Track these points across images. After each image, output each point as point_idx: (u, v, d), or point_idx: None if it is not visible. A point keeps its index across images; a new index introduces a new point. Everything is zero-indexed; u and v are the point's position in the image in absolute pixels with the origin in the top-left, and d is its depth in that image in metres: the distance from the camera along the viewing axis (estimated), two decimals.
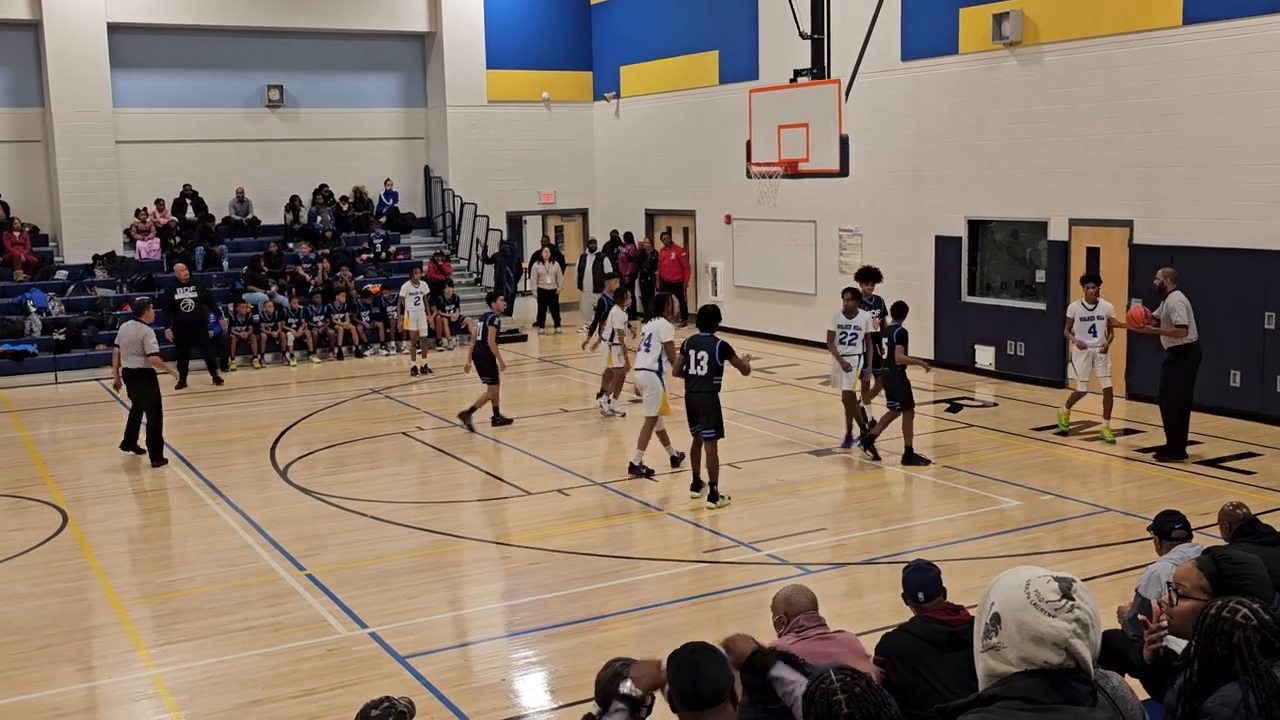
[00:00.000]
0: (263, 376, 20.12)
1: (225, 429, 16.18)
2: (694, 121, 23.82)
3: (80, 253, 22.57)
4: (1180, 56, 14.95)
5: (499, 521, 11.46)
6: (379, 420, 16.16)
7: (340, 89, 25.62)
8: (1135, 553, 9.47)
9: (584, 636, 8.35)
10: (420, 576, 9.77)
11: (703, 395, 11.27)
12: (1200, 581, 3.91)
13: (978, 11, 17.46)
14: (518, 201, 26.54)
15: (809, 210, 20.67)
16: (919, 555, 8.15)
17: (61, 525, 11.43)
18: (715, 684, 3.49)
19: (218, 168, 24.37)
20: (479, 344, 15.35)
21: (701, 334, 11.43)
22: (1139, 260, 15.54)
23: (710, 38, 23.18)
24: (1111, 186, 15.93)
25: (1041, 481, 12.12)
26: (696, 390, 11.29)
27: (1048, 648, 2.36)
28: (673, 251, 24.04)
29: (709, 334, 11.41)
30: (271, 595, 9.34)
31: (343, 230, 24.91)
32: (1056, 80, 16.51)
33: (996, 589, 2.48)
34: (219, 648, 8.29)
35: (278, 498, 12.34)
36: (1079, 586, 2.43)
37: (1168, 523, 6.70)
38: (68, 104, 22.43)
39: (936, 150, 18.48)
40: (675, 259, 23.93)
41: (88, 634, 8.77)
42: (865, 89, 17.01)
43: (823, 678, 3.01)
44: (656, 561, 9.98)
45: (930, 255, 18.69)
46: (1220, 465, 12.53)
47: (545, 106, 26.66)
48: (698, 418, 11.36)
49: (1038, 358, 17.20)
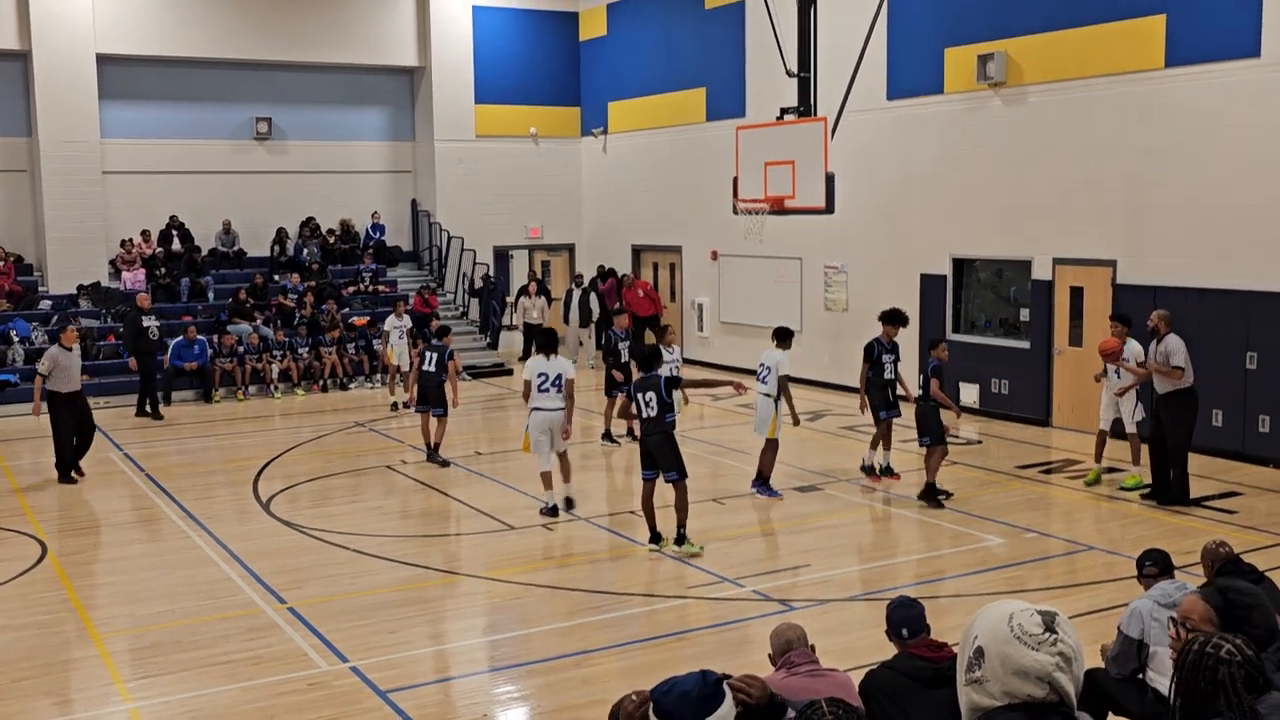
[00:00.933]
0: (246, 408, 20.05)
1: (208, 461, 16.11)
2: (681, 158, 23.95)
3: (65, 283, 22.51)
4: (1162, 99, 15.12)
5: (482, 556, 11.40)
6: (363, 453, 16.11)
7: (328, 122, 25.70)
8: (1118, 591, 9.47)
9: (567, 672, 8.30)
10: (402, 610, 9.70)
11: (657, 438, 10.85)
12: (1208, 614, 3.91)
13: (963, 52, 17.64)
14: (505, 236, 26.59)
15: (795, 247, 20.76)
16: (903, 592, 8.13)
17: (40, 557, 11.33)
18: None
19: (205, 199, 24.38)
20: (427, 374, 15.00)
21: (646, 375, 11.04)
22: (1122, 300, 15.63)
23: (698, 75, 23.35)
24: (1094, 226, 16.06)
25: (1025, 519, 12.13)
26: (650, 433, 10.88)
27: (1031, 681, 2.36)
28: (639, 288, 24.02)
29: (653, 373, 11.05)
30: (252, 628, 9.26)
31: (329, 263, 24.90)
32: (1040, 121, 16.67)
33: (980, 622, 2.48)
34: (198, 681, 8.20)
35: (260, 530, 12.27)
36: (1062, 620, 2.43)
37: (1142, 559, 6.74)
38: (55, 134, 22.44)
39: (922, 188, 18.61)
40: (644, 295, 23.92)
41: (65, 666, 8.68)
42: (851, 127, 17.14)
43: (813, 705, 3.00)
44: (640, 597, 9.94)
45: (915, 293, 18.77)
46: (1203, 505, 12.56)
47: (533, 141, 26.78)
48: (655, 462, 10.95)
49: (1022, 396, 17.26)
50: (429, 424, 15.24)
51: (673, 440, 10.96)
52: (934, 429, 12.67)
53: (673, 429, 10.98)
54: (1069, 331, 16.63)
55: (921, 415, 12.78)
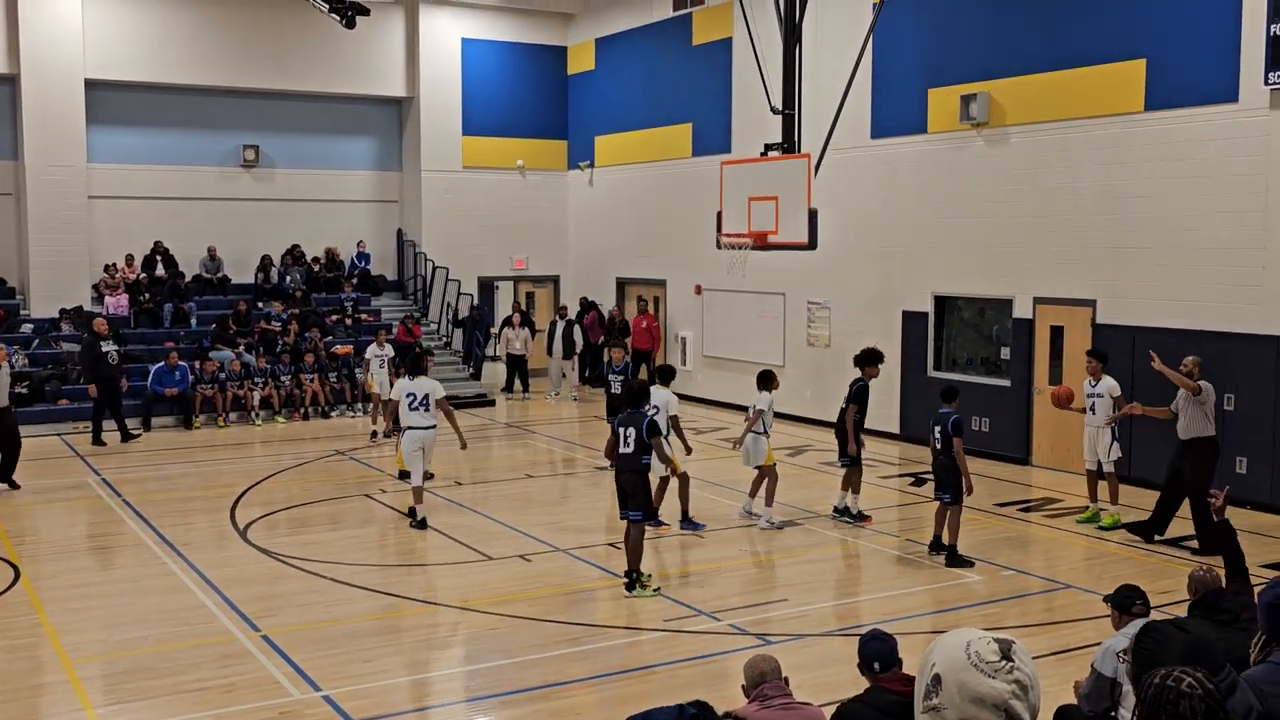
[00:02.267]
0: (227, 435, 19.97)
1: (186, 487, 16.02)
2: (667, 192, 24.07)
3: (47, 306, 22.45)
4: (1142, 141, 15.28)
5: (459, 586, 11.34)
6: (343, 482, 16.05)
7: (316, 151, 25.77)
8: (1093, 629, 9.48)
9: (541, 704, 8.26)
10: (377, 640, 9.66)
11: (629, 475, 10.79)
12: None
13: (946, 92, 17.81)
14: (490, 267, 26.64)
15: (778, 282, 20.85)
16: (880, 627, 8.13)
17: (13, 580, 11.24)
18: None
19: (190, 225, 24.37)
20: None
21: (633, 411, 11.00)
22: (1101, 339, 15.72)
23: (684, 111, 23.50)
24: (1075, 266, 16.18)
25: (1004, 557, 12.15)
26: (624, 470, 10.83)
27: (987, 709, 2.37)
28: (644, 320, 24.12)
29: (639, 410, 11.06)
30: (225, 655, 9.20)
31: (313, 290, 24.90)
32: (1022, 161, 16.82)
33: (937, 650, 2.49)
34: (169, 708, 8.14)
35: (236, 557, 12.20)
36: (1019, 648, 2.45)
37: (1129, 598, 6.73)
38: (42, 158, 22.44)
39: (904, 226, 18.73)
40: (646, 328, 24.01)
41: (35, 691, 8.60)
42: (835, 164, 17.26)
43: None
44: (617, 629, 9.91)
45: (897, 330, 18.86)
46: (1180, 545, 12.60)
47: (520, 174, 26.88)
48: (626, 499, 10.87)
49: (1002, 434, 17.32)
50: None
51: (646, 480, 10.93)
52: (955, 486, 11.82)
53: (647, 470, 10.95)
54: (1049, 370, 16.71)
55: (944, 470, 11.87)
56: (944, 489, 11.89)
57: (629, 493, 10.84)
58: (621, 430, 10.87)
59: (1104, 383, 13.34)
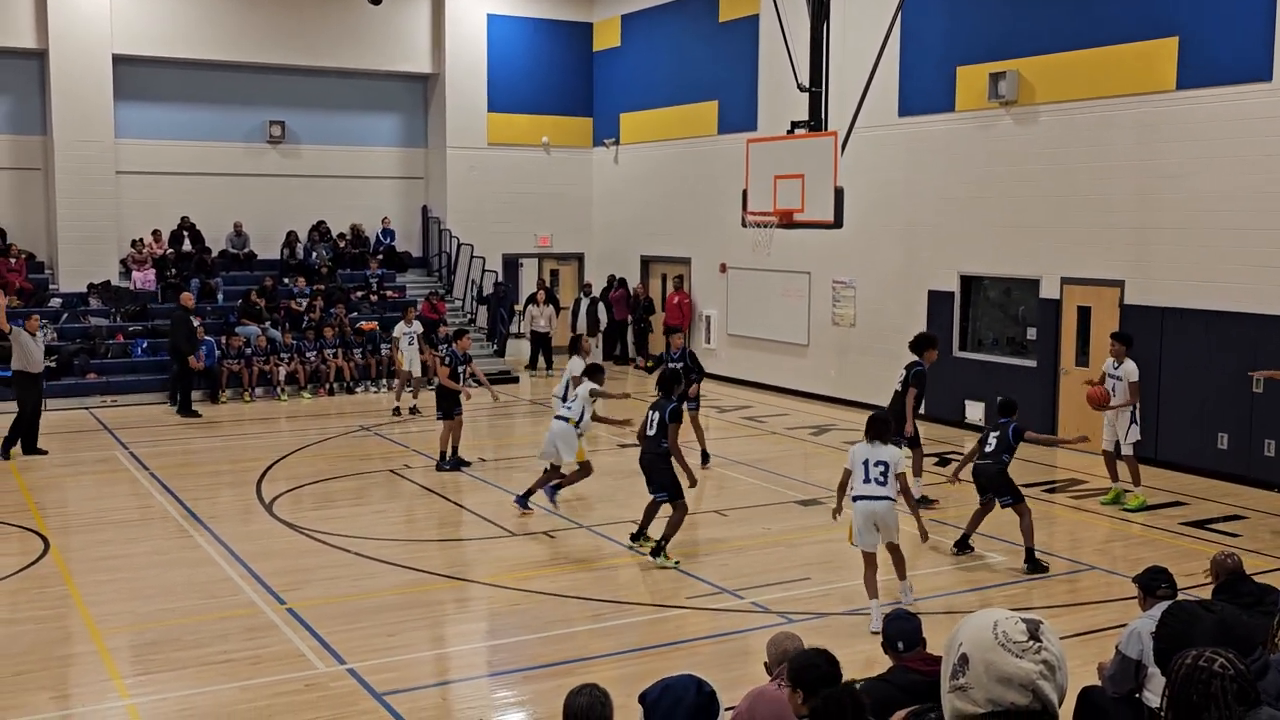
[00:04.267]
0: (253, 410, 20.10)
1: (212, 461, 16.15)
2: (692, 170, 23.99)
3: (76, 281, 22.61)
4: (1173, 120, 15.13)
5: (483, 561, 11.40)
6: (367, 457, 16.13)
7: (342, 127, 25.80)
8: (1118, 611, 9.46)
9: (564, 679, 8.28)
10: (402, 614, 9.72)
11: (650, 457, 11.16)
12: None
13: (974, 70, 17.66)
14: (514, 244, 26.65)
15: (803, 261, 20.78)
16: (900, 607, 8.13)
17: (43, 552, 11.37)
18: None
19: (216, 201, 24.47)
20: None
21: (660, 397, 11.39)
22: (1129, 320, 15.62)
23: (710, 88, 23.40)
24: (1103, 247, 16.05)
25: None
26: (646, 452, 11.21)
27: (1014, 689, 2.36)
28: (676, 297, 24.08)
29: (668, 397, 11.34)
30: (251, 628, 9.28)
31: (339, 267, 24.98)
32: (1051, 140, 16.68)
33: (964, 629, 2.48)
34: (196, 679, 8.22)
35: (262, 531, 12.29)
36: (1046, 628, 2.44)
37: (1154, 580, 6.70)
38: (70, 133, 22.56)
39: (931, 205, 18.62)
40: (678, 304, 23.97)
41: (64, 662, 8.71)
42: (861, 143, 17.17)
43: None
44: (639, 606, 9.94)
45: (923, 309, 18.77)
46: (1206, 527, 12.54)
47: (545, 151, 26.84)
48: (649, 480, 11.28)
49: (1028, 414, 17.16)
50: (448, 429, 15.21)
51: (666, 461, 11.16)
52: (1014, 487, 11.40)
53: (668, 454, 11.15)
54: (1075, 351, 16.61)
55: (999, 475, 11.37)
56: (1003, 493, 11.32)
57: (648, 474, 11.23)
58: (650, 414, 11.25)
59: (1125, 366, 13.25)
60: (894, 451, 9.78)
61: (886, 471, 9.58)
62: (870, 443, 9.72)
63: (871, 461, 9.62)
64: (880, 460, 9.61)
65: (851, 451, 9.86)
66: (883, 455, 9.64)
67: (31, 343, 15.92)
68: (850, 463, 9.74)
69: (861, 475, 9.62)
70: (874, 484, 9.57)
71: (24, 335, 15.84)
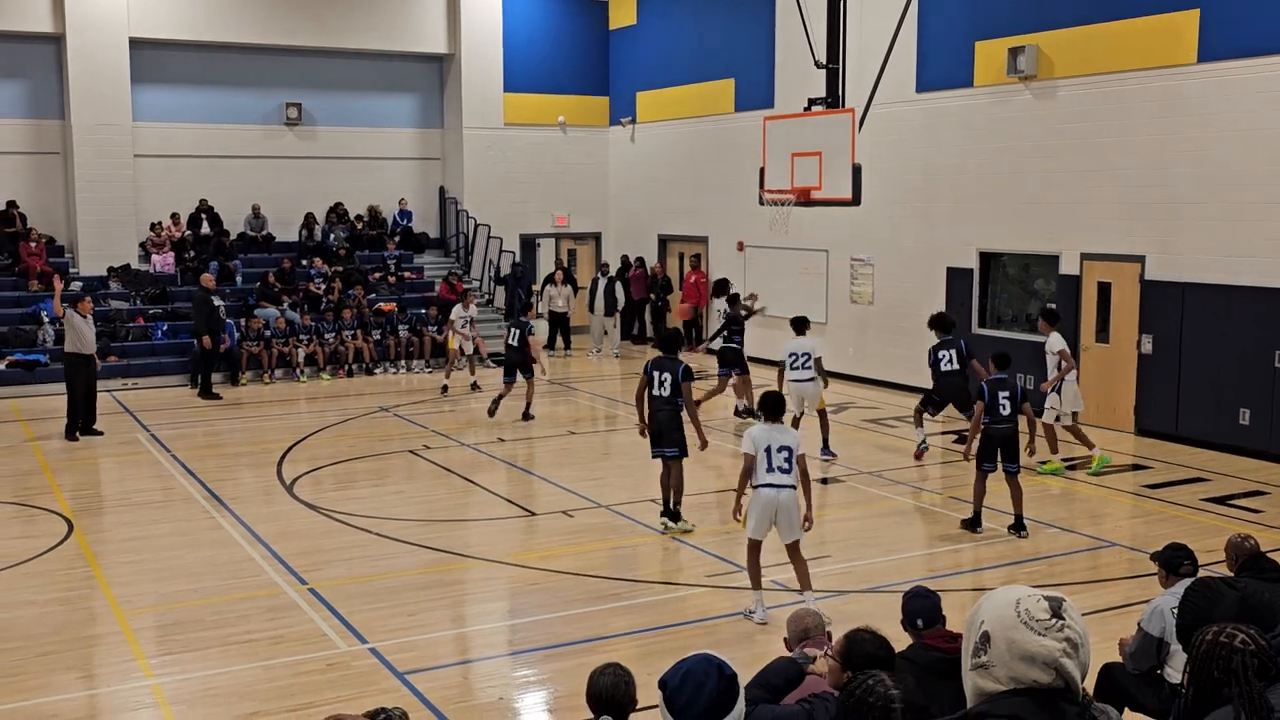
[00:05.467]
0: (272, 392, 20.18)
1: (233, 442, 16.23)
2: (709, 148, 23.91)
3: (95, 265, 22.71)
4: (1194, 94, 14.99)
5: (503, 541, 11.44)
6: (387, 438, 16.19)
7: (358, 108, 25.79)
8: (1139, 588, 9.43)
9: (584, 657, 8.31)
10: (422, 594, 9.76)
11: (666, 413, 11.37)
12: None
13: (993, 45, 17.53)
14: (532, 224, 26.64)
15: (821, 239, 20.71)
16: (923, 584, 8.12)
17: (67, 534, 11.46)
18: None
19: (234, 183, 24.52)
20: (512, 349, 16.96)
21: (664, 357, 11.58)
22: (1150, 296, 15.53)
23: (727, 66, 23.29)
24: (1124, 222, 15.94)
25: (1048, 514, 12.08)
26: (660, 409, 11.38)
27: (1038, 667, 2.35)
28: (694, 275, 24.07)
29: (674, 356, 11.61)
30: (273, 608, 9.34)
31: (356, 248, 25.02)
32: (1070, 114, 16.55)
33: (986, 607, 2.48)
34: (219, 659, 8.29)
35: (283, 512, 12.36)
36: (1069, 605, 2.43)
37: (1176, 557, 6.66)
38: (88, 117, 22.62)
39: (949, 181, 18.51)
40: (695, 283, 23.95)
41: (89, 642, 8.78)
42: (879, 119, 17.07)
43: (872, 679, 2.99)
44: (659, 585, 9.96)
45: (941, 286, 18.69)
46: (1227, 503, 12.48)
47: (561, 130, 26.79)
48: (661, 438, 11.42)
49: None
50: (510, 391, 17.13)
51: (679, 419, 11.41)
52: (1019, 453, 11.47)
53: (680, 410, 11.44)
54: (1096, 328, 16.52)
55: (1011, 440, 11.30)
56: (1015, 459, 11.24)
57: (664, 431, 11.37)
58: (655, 374, 11.44)
59: (1049, 340, 14.00)
60: (796, 435, 9.07)
61: (790, 457, 8.78)
62: (771, 425, 8.92)
63: (774, 447, 8.76)
64: (784, 445, 8.78)
65: (751, 437, 8.89)
66: (786, 439, 8.83)
67: (84, 324, 16.18)
68: (752, 448, 8.83)
69: (764, 463, 8.77)
70: (777, 472, 8.76)
71: (76, 318, 16.11)
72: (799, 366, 14.46)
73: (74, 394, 16.09)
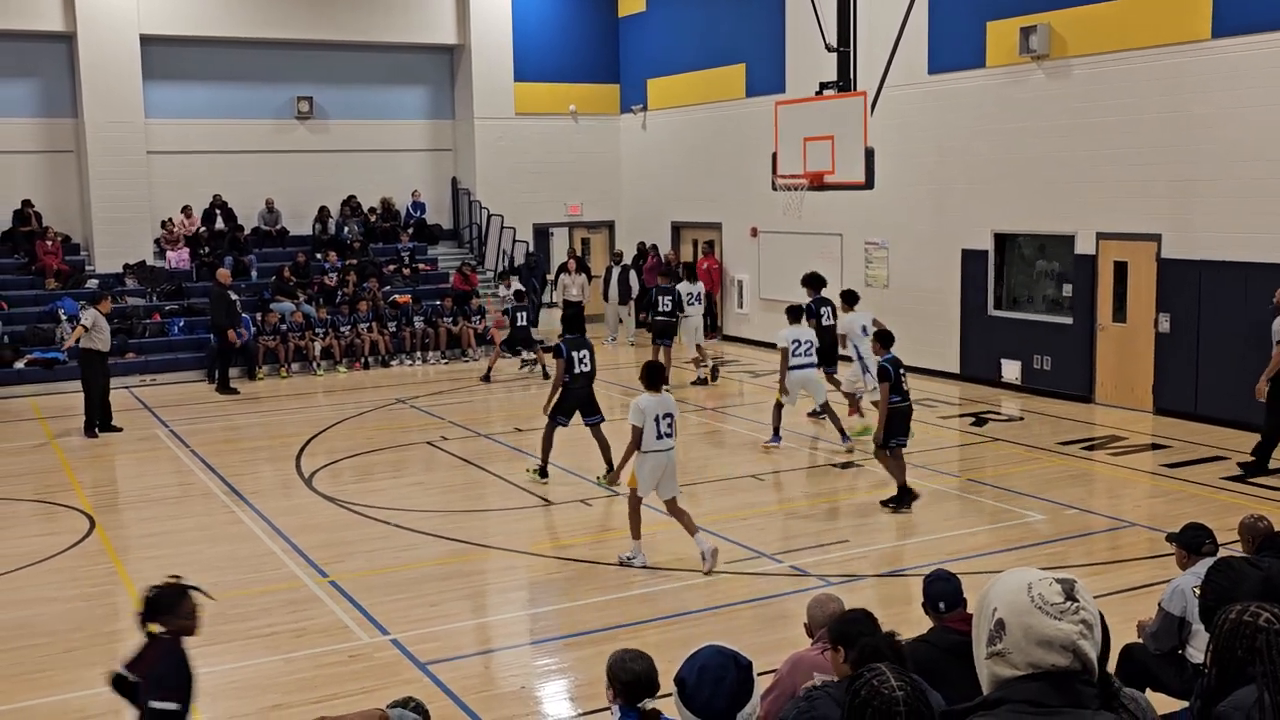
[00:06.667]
0: (289, 386, 20.25)
1: (251, 437, 16.30)
2: (720, 134, 23.86)
3: (111, 262, 22.80)
4: (1208, 70, 14.87)
5: (521, 531, 11.47)
6: (404, 429, 16.23)
7: (369, 101, 25.81)
8: (1160, 568, 9.39)
9: (604, 646, 8.31)
10: (443, 584, 9.80)
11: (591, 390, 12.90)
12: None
13: (1005, 25, 17.43)
14: (544, 213, 26.63)
15: (835, 223, 20.65)
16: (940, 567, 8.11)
17: (89, 530, 11.53)
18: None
19: (247, 178, 24.58)
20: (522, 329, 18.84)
21: (576, 337, 13.03)
22: (1166, 274, 15.45)
23: (737, 51, 23.22)
24: (1139, 200, 15.85)
25: (1067, 496, 12.05)
26: (587, 384, 12.81)
27: (1055, 650, 2.35)
28: (706, 262, 24.05)
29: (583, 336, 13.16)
30: (294, 601, 9.39)
31: (370, 241, 25.06)
32: (1084, 93, 16.45)
33: (997, 593, 2.46)
34: (241, 653, 8.34)
35: (302, 505, 12.41)
36: (1080, 587, 2.42)
37: (1197, 537, 6.63)
38: (100, 115, 22.69)
39: (962, 163, 18.43)
40: (707, 269, 23.94)
41: (113, 638, 8.82)
42: (891, 102, 17.00)
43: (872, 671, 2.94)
44: (678, 572, 9.97)
45: (956, 269, 18.63)
46: (1246, 481, 12.42)
47: (572, 119, 26.76)
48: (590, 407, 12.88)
49: (1064, 372, 17.10)
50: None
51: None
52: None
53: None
54: (1112, 307, 16.44)
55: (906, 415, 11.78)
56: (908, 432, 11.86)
57: (593, 400, 12.91)
58: (576, 354, 12.75)
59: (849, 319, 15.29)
60: (674, 401, 10.22)
61: (673, 423, 9.93)
62: (655, 395, 9.89)
63: (660, 415, 9.80)
64: (668, 413, 9.88)
65: (640, 408, 9.80)
66: (669, 408, 9.94)
67: (103, 321, 16.38)
68: (640, 419, 9.74)
69: (654, 431, 9.74)
70: (665, 438, 9.83)
71: (101, 319, 16.31)
72: (801, 354, 14.23)
73: (92, 391, 16.18)
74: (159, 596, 5.38)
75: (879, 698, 2.77)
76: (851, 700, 2.78)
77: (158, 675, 5.18)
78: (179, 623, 5.36)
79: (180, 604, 5.37)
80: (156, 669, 5.20)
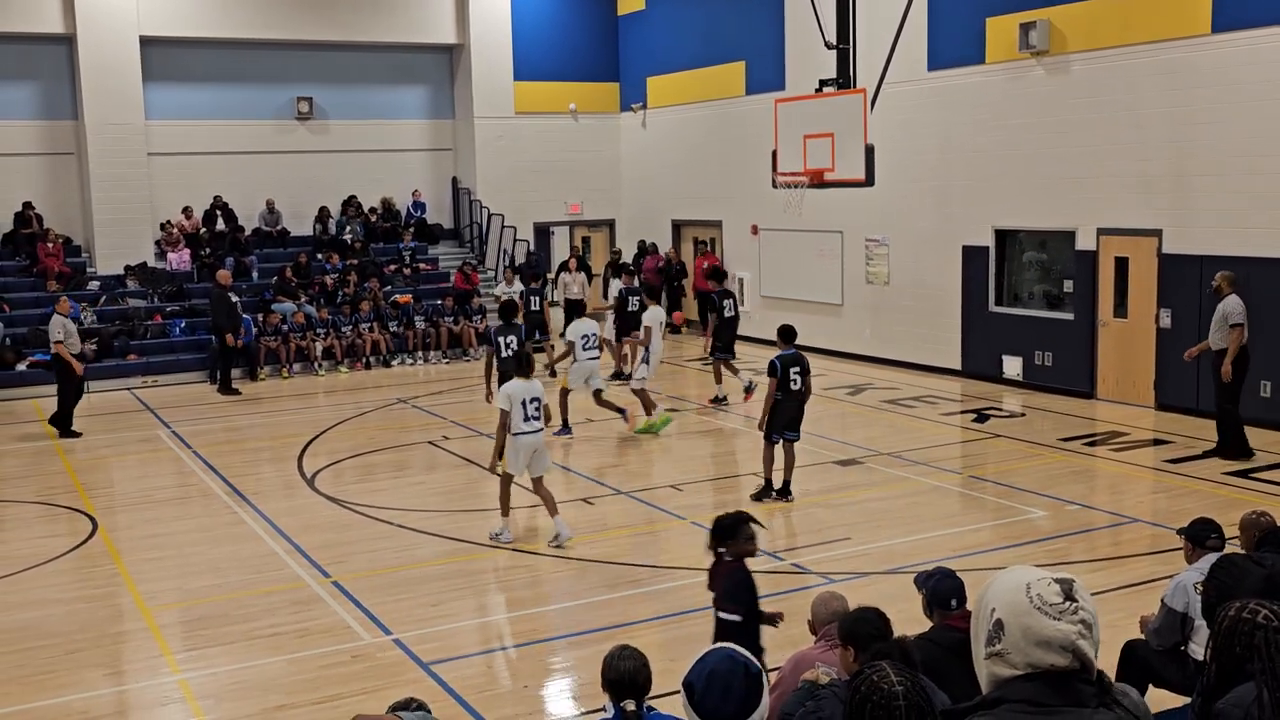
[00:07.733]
0: (290, 386, 20.26)
1: (253, 437, 16.31)
2: (720, 132, 23.85)
3: (112, 264, 22.81)
4: (1209, 65, 14.87)
5: (524, 529, 11.47)
6: (406, 429, 16.24)
7: (369, 101, 25.81)
8: (1162, 563, 9.41)
9: (607, 644, 8.25)
10: (445, 584, 9.81)
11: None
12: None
13: (1004, 21, 17.42)
14: (545, 212, 26.64)
15: (835, 221, 20.65)
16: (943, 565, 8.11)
17: (91, 532, 11.55)
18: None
19: (248, 179, 24.58)
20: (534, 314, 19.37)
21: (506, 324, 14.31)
22: (1168, 269, 15.44)
23: (737, 49, 23.22)
24: (1140, 195, 15.84)
25: (1069, 492, 12.05)
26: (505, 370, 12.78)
27: (1054, 651, 2.35)
28: (705, 261, 24.03)
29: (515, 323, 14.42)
30: (297, 602, 9.40)
31: (371, 241, 25.07)
32: (1084, 89, 16.44)
33: (995, 593, 2.45)
34: (245, 653, 8.35)
35: (304, 505, 12.42)
36: (1079, 586, 2.42)
37: (1204, 532, 6.62)
38: (101, 116, 22.69)
39: (963, 160, 18.43)
40: (707, 267, 23.87)
41: (116, 639, 8.85)
42: (891, 99, 16.99)
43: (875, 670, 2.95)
44: (681, 570, 9.98)
45: (957, 265, 18.63)
46: (1249, 476, 12.42)
47: (572, 118, 26.75)
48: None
49: (1065, 368, 17.10)
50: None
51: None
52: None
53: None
54: (1114, 303, 16.44)
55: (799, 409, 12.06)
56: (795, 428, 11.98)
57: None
58: (501, 339, 13.95)
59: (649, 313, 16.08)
60: (542, 387, 10.85)
61: (540, 406, 10.62)
62: (523, 381, 10.65)
63: (527, 399, 10.52)
64: (535, 397, 10.59)
65: (507, 394, 10.56)
66: (535, 392, 10.64)
67: (70, 324, 16.54)
68: (508, 404, 10.48)
69: (521, 414, 10.48)
70: (532, 420, 10.55)
71: (68, 323, 16.45)
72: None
73: (67, 393, 16.31)
74: (724, 524, 6.35)
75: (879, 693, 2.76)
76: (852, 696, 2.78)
77: (725, 591, 6.31)
78: (741, 546, 6.35)
79: (740, 530, 6.31)
80: (724, 585, 6.31)
